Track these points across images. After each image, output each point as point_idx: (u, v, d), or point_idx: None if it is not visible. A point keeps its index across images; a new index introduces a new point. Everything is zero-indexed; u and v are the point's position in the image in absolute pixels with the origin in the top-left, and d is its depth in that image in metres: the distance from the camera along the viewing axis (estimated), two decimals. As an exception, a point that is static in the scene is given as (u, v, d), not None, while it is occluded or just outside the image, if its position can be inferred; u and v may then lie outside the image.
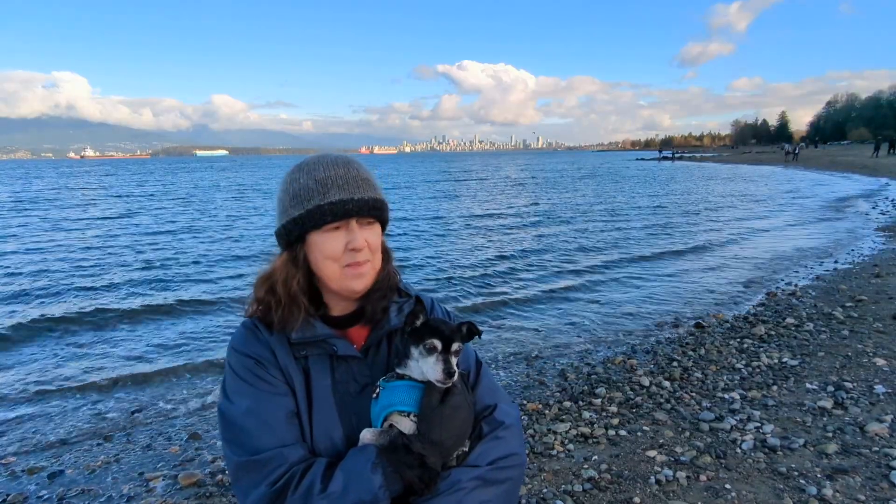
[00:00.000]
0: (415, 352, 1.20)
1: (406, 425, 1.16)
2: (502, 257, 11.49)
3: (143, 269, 10.86)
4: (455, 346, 1.19)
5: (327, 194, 1.21)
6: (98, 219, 20.02)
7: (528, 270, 10.18)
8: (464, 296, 8.47)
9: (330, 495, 1.09)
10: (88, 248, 13.61)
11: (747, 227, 15.01)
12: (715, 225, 15.63)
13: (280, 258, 1.29)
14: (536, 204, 23.27)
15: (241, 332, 1.31)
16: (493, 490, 1.17)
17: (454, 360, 1.18)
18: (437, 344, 1.17)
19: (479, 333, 1.28)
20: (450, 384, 1.17)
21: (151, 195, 32.31)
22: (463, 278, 9.67)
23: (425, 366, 1.18)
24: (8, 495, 3.45)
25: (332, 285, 1.27)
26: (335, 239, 1.22)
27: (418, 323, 1.23)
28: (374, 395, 1.22)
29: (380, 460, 1.11)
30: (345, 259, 1.23)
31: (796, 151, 56.66)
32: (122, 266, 11.13)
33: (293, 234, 1.25)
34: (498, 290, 8.76)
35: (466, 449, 1.22)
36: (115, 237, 15.34)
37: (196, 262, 11.49)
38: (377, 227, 1.30)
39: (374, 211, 1.26)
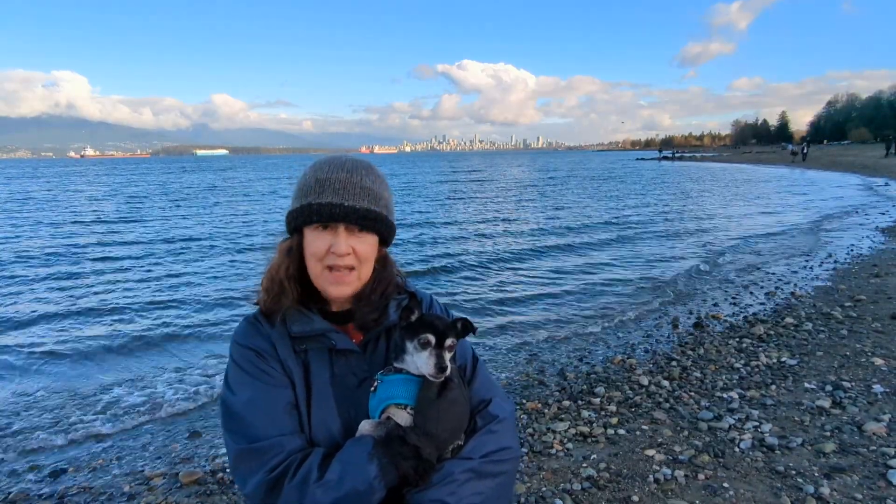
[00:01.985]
0: (409, 346, 1.22)
1: (403, 418, 1.19)
2: (505, 258, 11.50)
3: (148, 267, 10.88)
4: (449, 342, 1.21)
5: (321, 195, 1.25)
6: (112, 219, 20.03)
7: (530, 270, 10.19)
8: (466, 295, 8.48)
9: (326, 483, 1.12)
10: (99, 244, 13.64)
11: (747, 227, 15.02)
12: (718, 226, 15.62)
13: (280, 246, 1.35)
14: (553, 208, 23.23)
15: (243, 325, 1.35)
16: (486, 483, 1.19)
17: (447, 356, 1.20)
18: (431, 339, 1.20)
19: (474, 330, 1.30)
20: (442, 378, 1.20)
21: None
22: (466, 277, 9.69)
23: (419, 360, 1.20)
24: (10, 493, 3.46)
25: (314, 283, 1.31)
26: (320, 239, 1.26)
27: (413, 318, 1.25)
28: (372, 389, 1.25)
29: (376, 451, 1.14)
30: (327, 260, 1.26)
31: (804, 151, 54.53)
32: (127, 263, 11.15)
33: (291, 225, 1.31)
34: (499, 289, 8.78)
35: (462, 442, 1.24)
36: (126, 234, 15.37)
37: (204, 260, 11.53)
38: (369, 238, 1.30)
39: (364, 221, 1.27)
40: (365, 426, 1.21)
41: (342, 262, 1.26)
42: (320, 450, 1.20)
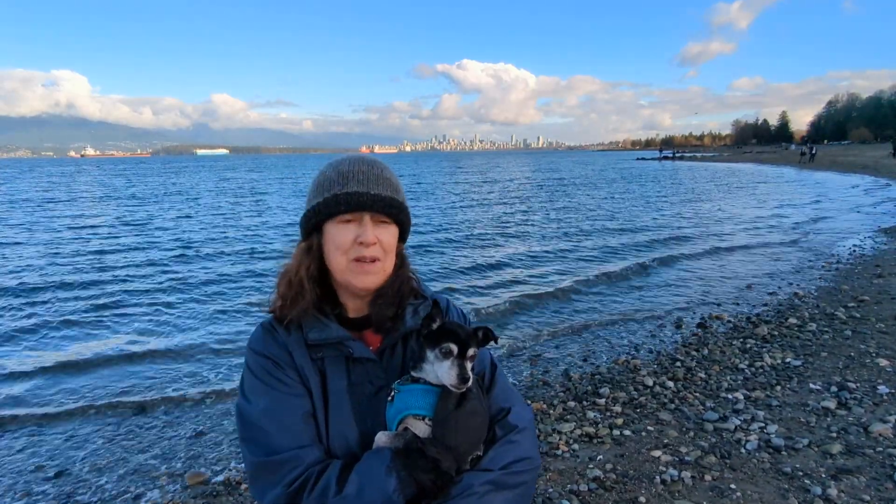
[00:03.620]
0: (430, 355, 1.20)
1: (421, 429, 1.17)
2: (508, 257, 11.49)
3: (153, 267, 10.88)
4: (471, 352, 1.19)
5: (346, 185, 1.24)
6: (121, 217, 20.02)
7: (532, 271, 10.19)
8: (469, 295, 8.47)
9: (345, 497, 1.10)
10: (103, 245, 13.64)
11: (749, 227, 15.02)
12: (718, 226, 15.62)
13: (298, 248, 1.33)
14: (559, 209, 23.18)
15: (258, 332, 1.33)
16: (505, 494, 1.18)
17: (469, 365, 1.18)
18: (453, 348, 1.17)
19: (496, 339, 1.29)
20: (464, 389, 1.17)
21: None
22: (466, 276, 9.69)
23: (440, 370, 1.18)
24: (16, 493, 3.46)
25: (339, 277, 1.28)
26: (346, 230, 1.25)
27: (434, 326, 1.23)
28: (390, 399, 1.22)
29: (394, 464, 1.12)
30: (353, 252, 1.24)
31: (813, 152, 52.92)
32: (132, 265, 11.15)
33: (311, 223, 1.29)
34: (503, 289, 8.77)
35: (481, 453, 1.22)
36: (131, 235, 15.37)
37: (208, 260, 11.53)
38: (392, 229, 1.30)
39: (390, 209, 1.27)
40: (382, 438, 1.19)
41: (369, 252, 1.25)
42: (338, 462, 1.18)
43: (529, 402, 4.40)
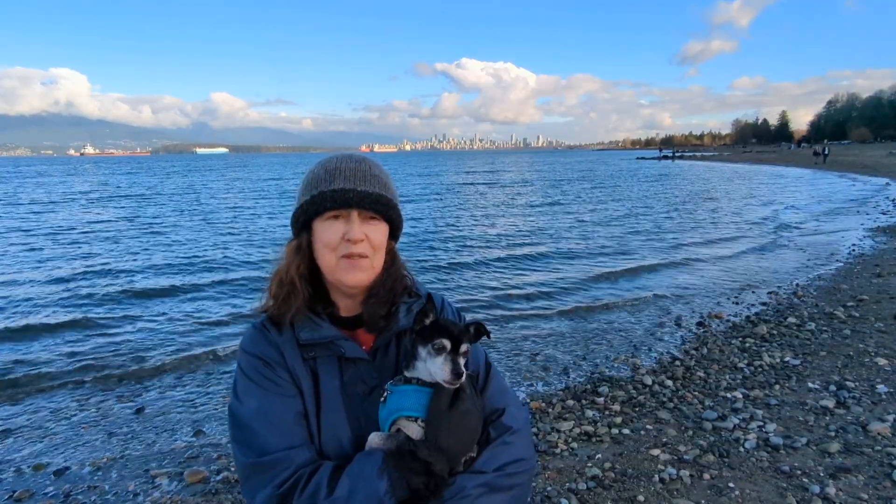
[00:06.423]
0: (423, 352, 1.19)
1: (413, 430, 1.15)
2: (508, 255, 11.49)
3: (153, 264, 10.88)
4: (464, 347, 1.18)
5: (332, 182, 1.23)
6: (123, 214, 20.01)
7: (533, 269, 10.19)
8: (469, 292, 8.47)
9: (336, 500, 1.09)
10: (101, 239, 13.64)
11: (749, 226, 15.02)
12: (716, 225, 15.63)
13: (288, 247, 1.31)
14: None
15: (250, 332, 1.31)
16: (500, 497, 1.16)
17: (462, 361, 1.17)
18: (446, 344, 1.16)
19: (488, 334, 1.28)
20: (458, 385, 1.16)
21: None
22: (468, 275, 9.69)
23: (433, 366, 1.17)
24: (14, 491, 3.46)
25: (329, 276, 1.27)
26: (333, 227, 1.23)
27: (427, 322, 1.22)
28: (382, 399, 1.21)
29: (386, 466, 1.11)
30: (341, 249, 1.23)
31: (825, 153, 51.61)
32: (133, 261, 11.15)
33: (300, 221, 1.28)
34: (502, 288, 8.77)
35: (474, 454, 1.21)
36: (127, 230, 15.37)
37: (207, 256, 11.54)
38: (382, 226, 1.29)
39: (377, 206, 1.25)
40: (374, 439, 1.18)
41: (357, 248, 1.23)
42: (330, 463, 1.17)
43: (528, 400, 4.40)
